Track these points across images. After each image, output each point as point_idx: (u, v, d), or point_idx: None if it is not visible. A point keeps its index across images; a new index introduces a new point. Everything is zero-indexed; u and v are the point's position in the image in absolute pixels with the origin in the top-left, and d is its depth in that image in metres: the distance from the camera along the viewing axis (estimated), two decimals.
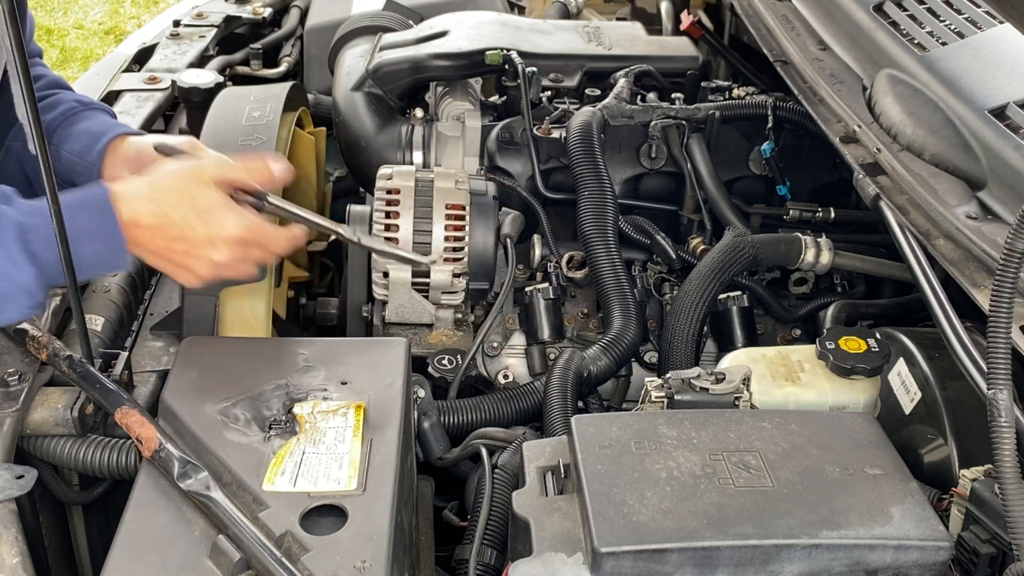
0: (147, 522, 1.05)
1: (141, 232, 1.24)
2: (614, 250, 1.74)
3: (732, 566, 1.03)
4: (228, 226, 1.26)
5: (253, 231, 1.28)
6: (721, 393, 1.28)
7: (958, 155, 1.46)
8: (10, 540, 1.08)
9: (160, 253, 1.27)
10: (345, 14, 2.45)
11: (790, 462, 1.12)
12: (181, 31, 2.42)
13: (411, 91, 2.09)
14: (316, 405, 1.19)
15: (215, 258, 1.27)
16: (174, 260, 1.28)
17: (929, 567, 1.05)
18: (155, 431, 1.13)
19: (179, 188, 1.26)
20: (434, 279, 1.67)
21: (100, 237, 1.22)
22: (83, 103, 1.54)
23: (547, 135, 1.93)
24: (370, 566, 0.99)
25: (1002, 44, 1.58)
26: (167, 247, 1.26)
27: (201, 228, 1.25)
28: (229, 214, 1.27)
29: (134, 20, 5.73)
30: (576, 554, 1.04)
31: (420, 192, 1.68)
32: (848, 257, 1.79)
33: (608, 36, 2.20)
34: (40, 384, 1.27)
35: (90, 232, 1.21)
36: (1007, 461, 1.01)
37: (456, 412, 1.55)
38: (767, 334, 1.84)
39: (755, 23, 2.07)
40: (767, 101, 1.94)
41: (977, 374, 1.17)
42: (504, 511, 1.28)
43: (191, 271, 1.29)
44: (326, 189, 2.19)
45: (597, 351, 1.61)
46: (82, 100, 1.55)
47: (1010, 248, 1.01)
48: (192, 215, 1.25)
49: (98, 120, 1.52)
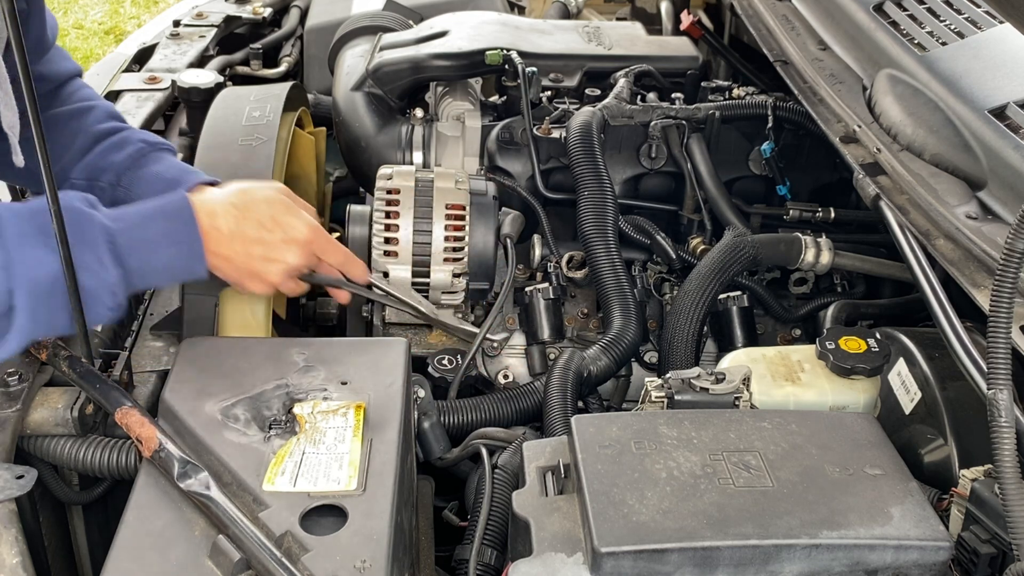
0: (147, 522, 1.05)
1: (220, 237, 1.30)
2: (614, 250, 1.74)
3: (732, 566, 1.03)
4: (299, 227, 1.36)
5: (319, 232, 1.40)
6: (721, 393, 1.28)
7: (958, 155, 1.46)
8: (10, 540, 1.08)
9: (237, 259, 1.33)
10: (345, 14, 2.45)
11: (790, 462, 1.12)
12: (181, 31, 2.42)
13: (411, 91, 2.09)
14: (316, 405, 1.19)
15: (290, 261, 1.36)
16: (251, 266, 1.34)
17: (929, 567, 1.05)
18: (155, 431, 1.13)
19: (254, 195, 1.35)
20: (434, 279, 1.67)
21: (177, 243, 1.27)
22: (149, 143, 1.53)
23: (547, 135, 1.93)
24: (370, 566, 0.99)
25: (1002, 44, 1.58)
26: (245, 252, 1.33)
27: (277, 231, 1.34)
28: (297, 217, 1.37)
29: (134, 20, 5.74)
30: (576, 554, 1.04)
31: (420, 192, 1.68)
32: (848, 257, 1.79)
33: (608, 36, 2.20)
34: (40, 384, 1.27)
35: (168, 238, 1.26)
36: (1007, 461, 1.01)
37: (456, 412, 1.55)
38: (767, 334, 1.84)
39: (755, 23, 2.07)
40: (767, 101, 1.94)
41: (977, 374, 1.17)
42: (504, 511, 1.28)
43: (264, 278, 1.36)
44: (326, 189, 2.19)
45: (597, 351, 1.61)
46: (147, 139, 1.54)
47: (1010, 248, 1.01)
48: (268, 219, 1.34)
49: (166, 163, 1.50)
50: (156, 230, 1.26)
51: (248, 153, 1.70)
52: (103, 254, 1.21)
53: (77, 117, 1.54)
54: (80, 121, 1.53)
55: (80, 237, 1.18)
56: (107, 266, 1.21)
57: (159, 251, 1.26)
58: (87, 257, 1.19)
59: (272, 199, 1.38)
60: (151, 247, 1.25)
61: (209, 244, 1.30)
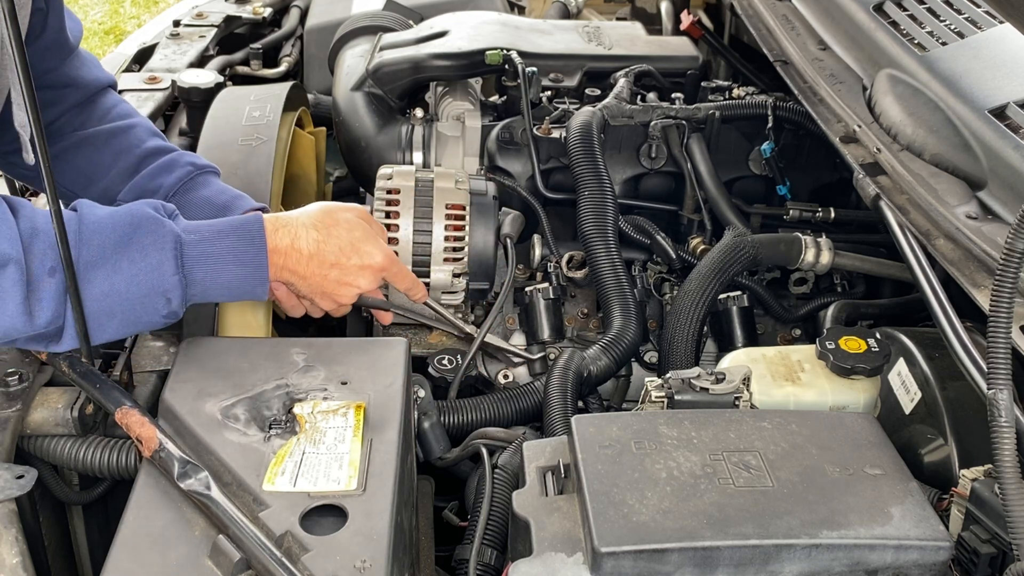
0: (147, 522, 1.05)
1: (300, 258, 1.35)
2: (614, 250, 1.74)
3: (732, 566, 1.03)
4: (376, 255, 1.41)
5: (392, 259, 1.46)
6: (721, 393, 1.28)
7: (958, 155, 1.46)
8: (10, 540, 1.08)
9: (312, 279, 1.37)
10: (345, 14, 2.45)
11: (790, 462, 1.12)
12: (181, 31, 2.42)
13: (411, 91, 2.09)
14: (316, 405, 1.19)
15: (363, 286, 1.42)
16: (325, 288, 1.39)
17: (929, 567, 1.05)
18: (155, 431, 1.13)
19: (336, 218, 1.39)
20: (434, 279, 1.67)
21: (243, 263, 1.29)
22: (197, 166, 1.54)
23: (547, 135, 1.93)
24: (370, 566, 0.99)
25: (1002, 44, 1.58)
26: (321, 274, 1.37)
27: (355, 258, 1.39)
28: (374, 245, 1.42)
29: (134, 20, 5.73)
30: (576, 554, 1.04)
31: (420, 192, 1.68)
32: (848, 257, 1.79)
33: (608, 36, 2.20)
34: (40, 384, 1.27)
35: (236, 258, 1.29)
36: (1007, 461, 1.01)
37: (456, 412, 1.55)
38: (767, 334, 1.84)
39: (755, 23, 2.07)
40: (767, 101, 1.94)
41: (977, 374, 1.17)
42: (504, 511, 1.28)
43: (336, 299, 1.42)
44: (326, 189, 2.19)
45: (597, 351, 1.61)
46: (195, 162, 1.54)
47: (1010, 248, 1.01)
48: (348, 245, 1.38)
49: (214, 187, 1.52)
50: (226, 247, 1.28)
51: (248, 153, 1.70)
52: (167, 260, 1.23)
53: (119, 136, 1.55)
54: (123, 140, 1.55)
55: (151, 240, 1.22)
56: (167, 271, 1.23)
57: (225, 268, 1.28)
58: (150, 259, 1.22)
59: (353, 224, 1.40)
60: (218, 263, 1.27)
61: (288, 263, 1.34)
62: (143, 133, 1.57)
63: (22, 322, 1.16)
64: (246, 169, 1.66)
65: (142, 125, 1.59)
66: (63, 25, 1.50)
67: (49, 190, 1.12)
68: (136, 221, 1.23)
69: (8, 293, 1.14)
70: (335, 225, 1.39)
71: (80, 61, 1.56)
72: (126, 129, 1.56)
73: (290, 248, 1.34)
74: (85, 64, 1.57)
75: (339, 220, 1.40)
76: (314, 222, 1.37)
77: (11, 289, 1.14)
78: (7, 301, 1.15)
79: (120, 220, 1.22)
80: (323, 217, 1.39)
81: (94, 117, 1.55)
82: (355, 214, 1.44)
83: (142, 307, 1.23)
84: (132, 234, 1.22)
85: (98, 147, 1.53)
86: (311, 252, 1.35)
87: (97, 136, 1.54)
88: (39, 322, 1.17)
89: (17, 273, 1.14)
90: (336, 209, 1.42)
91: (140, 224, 1.23)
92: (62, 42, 1.51)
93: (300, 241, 1.35)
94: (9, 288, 1.14)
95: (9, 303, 1.15)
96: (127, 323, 1.24)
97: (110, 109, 1.58)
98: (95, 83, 1.57)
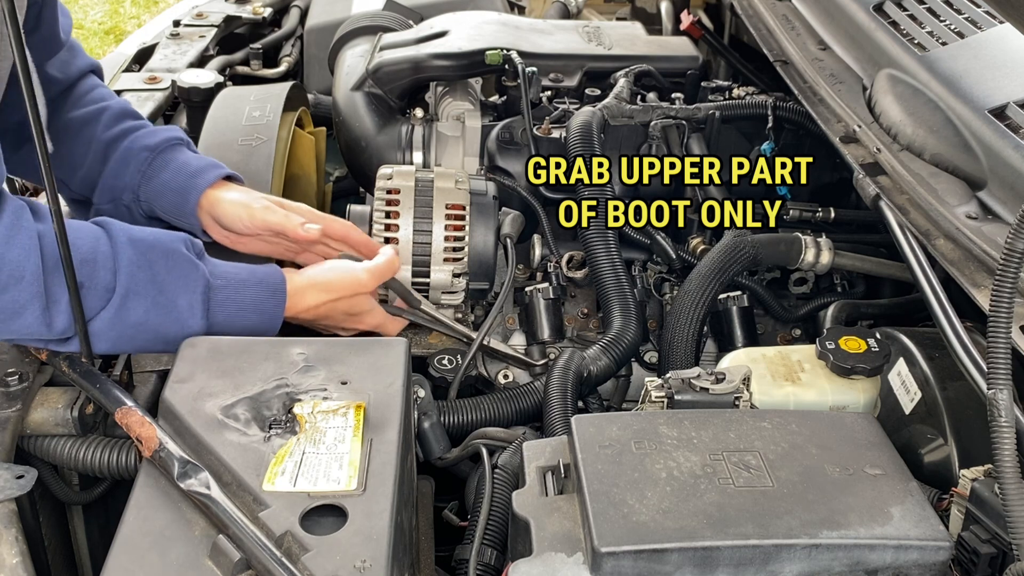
0: (147, 522, 1.05)
1: (301, 315, 1.46)
2: (614, 250, 1.74)
3: (732, 566, 1.03)
4: (369, 321, 1.55)
5: (382, 321, 1.57)
6: (721, 393, 1.28)
7: (958, 155, 1.46)
8: (10, 540, 1.08)
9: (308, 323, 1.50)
10: (345, 14, 2.44)
11: (790, 462, 1.12)
12: (181, 31, 2.42)
13: (411, 91, 2.09)
14: (316, 405, 1.19)
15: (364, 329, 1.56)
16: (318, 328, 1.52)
17: (929, 567, 1.05)
18: (155, 431, 1.13)
19: (343, 294, 1.48)
20: (434, 279, 1.67)
21: (262, 312, 1.38)
22: (150, 148, 1.55)
23: (547, 135, 1.93)
24: (370, 566, 0.99)
25: (1002, 44, 1.58)
26: (316, 324, 1.51)
27: (350, 323, 1.53)
28: (372, 316, 1.55)
29: (134, 20, 5.74)
30: (576, 554, 1.04)
31: (420, 192, 1.68)
32: (848, 257, 1.78)
33: (608, 36, 2.20)
34: (40, 384, 1.28)
35: (257, 308, 1.37)
36: (1007, 461, 1.01)
37: (456, 412, 1.55)
38: (767, 334, 1.84)
39: (755, 23, 2.07)
40: (767, 101, 1.94)
41: (977, 374, 1.17)
42: (504, 511, 1.28)
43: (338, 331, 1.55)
44: (326, 189, 2.19)
45: (597, 351, 1.61)
46: (149, 144, 1.55)
47: (1010, 248, 1.01)
48: (347, 316, 1.51)
49: (173, 167, 1.55)
50: (249, 296, 1.36)
51: (248, 153, 1.70)
52: (196, 303, 1.31)
53: (90, 123, 1.56)
54: (93, 128, 1.56)
55: (183, 282, 1.30)
56: (196, 315, 1.31)
57: (245, 315, 1.36)
58: (182, 301, 1.30)
59: (360, 301, 1.51)
60: (239, 310, 1.36)
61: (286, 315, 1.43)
62: (109, 119, 1.58)
63: (40, 331, 1.21)
64: (246, 169, 1.66)
65: (111, 109, 1.59)
66: (56, 22, 1.50)
67: (49, 190, 1.12)
68: (171, 264, 1.31)
69: (27, 306, 1.17)
70: (341, 298, 1.49)
71: (70, 54, 1.57)
72: (97, 115, 1.57)
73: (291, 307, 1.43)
74: (72, 54, 1.57)
75: (346, 293, 1.49)
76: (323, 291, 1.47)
77: (30, 302, 1.17)
78: (26, 313, 1.18)
79: (156, 254, 1.30)
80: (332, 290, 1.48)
81: (70, 103, 1.57)
82: (371, 286, 1.52)
83: (163, 342, 1.30)
84: (167, 275, 1.30)
85: (72, 135, 1.55)
86: (313, 316, 1.47)
87: (71, 123, 1.55)
88: (56, 329, 1.22)
89: (36, 285, 1.16)
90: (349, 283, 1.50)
91: (175, 266, 1.31)
92: (55, 36, 1.51)
93: (308, 303, 1.45)
94: (27, 301, 1.17)
95: (28, 315, 1.19)
96: (141, 349, 1.32)
97: (84, 95, 1.59)
98: (77, 72, 1.58)
